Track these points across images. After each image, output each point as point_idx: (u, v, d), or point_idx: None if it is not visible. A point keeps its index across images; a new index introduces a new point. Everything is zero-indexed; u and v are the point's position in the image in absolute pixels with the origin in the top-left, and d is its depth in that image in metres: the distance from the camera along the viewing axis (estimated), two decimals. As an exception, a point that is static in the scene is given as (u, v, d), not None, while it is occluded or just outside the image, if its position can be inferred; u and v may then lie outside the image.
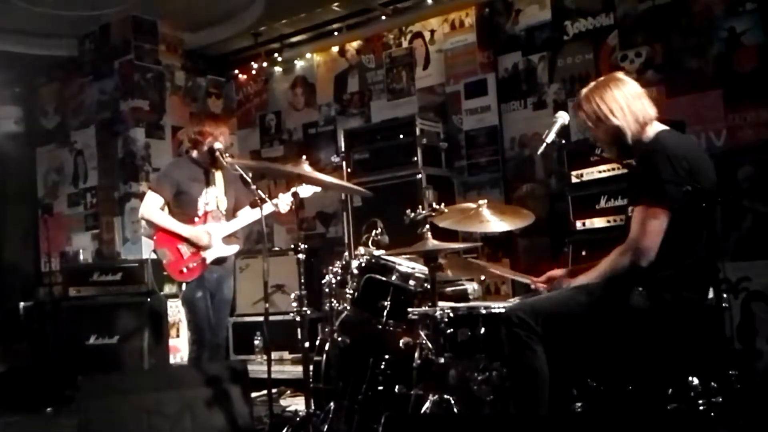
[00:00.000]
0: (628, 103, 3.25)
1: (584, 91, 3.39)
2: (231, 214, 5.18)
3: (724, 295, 3.17)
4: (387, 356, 3.95)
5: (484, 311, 3.63)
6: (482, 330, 3.60)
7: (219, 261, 5.08)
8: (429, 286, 3.74)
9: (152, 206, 5.05)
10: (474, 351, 3.61)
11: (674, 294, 3.10)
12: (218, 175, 5.17)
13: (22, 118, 8.96)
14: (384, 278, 4.05)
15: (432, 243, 3.68)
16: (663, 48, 6.12)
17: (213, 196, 5.12)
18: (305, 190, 4.71)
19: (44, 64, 8.73)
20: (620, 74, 3.44)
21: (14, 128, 8.90)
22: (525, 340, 3.06)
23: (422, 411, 3.49)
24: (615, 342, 3.24)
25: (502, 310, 3.43)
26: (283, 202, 4.92)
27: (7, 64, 8.10)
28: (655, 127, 3.27)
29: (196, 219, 5.03)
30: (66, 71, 8.71)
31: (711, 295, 3.18)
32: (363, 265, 4.14)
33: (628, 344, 3.21)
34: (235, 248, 5.14)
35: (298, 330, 3.82)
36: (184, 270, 4.96)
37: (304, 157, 4.32)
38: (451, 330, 3.67)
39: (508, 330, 3.11)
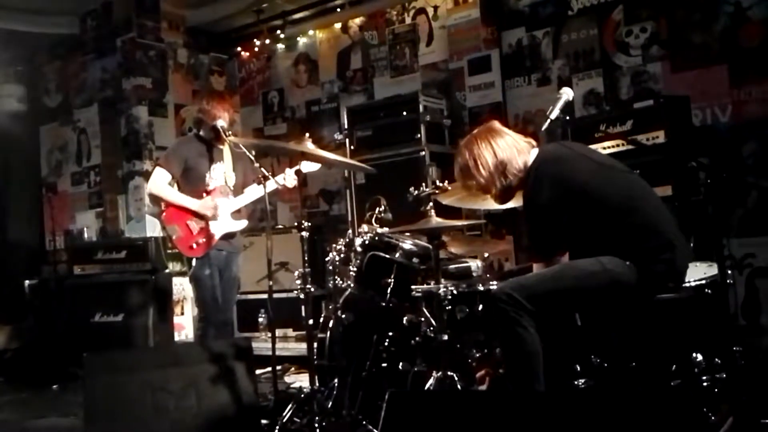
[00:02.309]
0: (495, 160, 3.35)
1: (460, 143, 3.55)
2: (239, 190, 5.21)
3: (729, 272, 3.17)
4: (390, 333, 3.96)
5: (486, 289, 3.63)
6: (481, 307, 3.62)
7: (228, 236, 5.11)
8: (432, 264, 3.73)
9: (160, 182, 5.09)
10: (474, 328, 3.63)
11: (665, 264, 3.09)
12: (226, 152, 5.20)
13: (25, 97, 8.94)
14: (387, 256, 4.05)
15: (435, 220, 3.68)
16: (668, 23, 6.07)
17: (221, 172, 5.15)
18: (308, 166, 4.71)
19: (46, 42, 8.72)
20: (495, 125, 3.52)
21: (17, 107, 8.88)
22: (514, 317, 3.05)
23: (426, 387, 3.51)
24: (614, 317, 3.25)
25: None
26: (290, 177, 4.93)
27: (9, 42, 8.06)
28: (529, 162, 3.36)
29: (204, 195, 5.06)
30: (68, 49, 8.70)
31: (715, 271, 3.18)
32: (366, 242, 4.15)
33: (628, 319, 3.22)
34: (243, 223, 5.18)
35: (302, 307, 3.83)
36: (194, 245, 5.00)
37: (307, 134, 4.31)
38: (452, 307, 3.68)
39: (496, 307, 3.11)
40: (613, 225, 3.15)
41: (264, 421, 3.94)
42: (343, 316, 4.10)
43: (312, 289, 3.83)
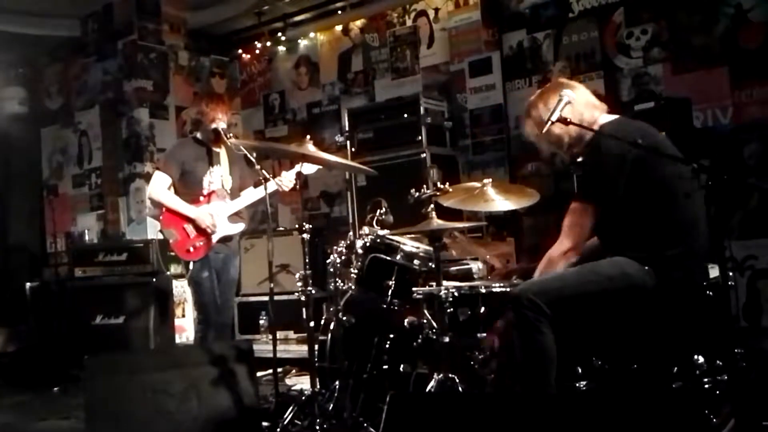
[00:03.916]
0: (571, 108, 3.26)
1: (531, 98, 3.48)
2: (236, 193, 5.21)
3: (730, 274, 3.16)
4: (392, 335, 3.96)
5: (487, 291, 3.63)
6: (482, 309, 3.62)
7: (225, 239, 5.12)
8: (433, 266, 3.73)
9: (160, 186, 5.09)
10: (476, 330, 3.62)
11: (684, 272, 3.09)
12: (222, 155, 5.20)
13: (26, 99, 8.95)
14: (388, 258, 4.05)
15: (436, 222, 3.67)
16: (669, 25, 6.07)
17: (218, 176, 5.15)
18: (308, 167, 4.71)
19: (47, 44, 8.72)
20: (564, 79, 3.53)
21: (18, 109, 8.88)
22: (534, 322, 3.04)
23: (427, 389, 3.50)
24: (622, 321, 3.24)
25: (507, 289, 3.44)
26: (287, 179, 4.93)
27: (11, 44, 8.07)
28: (600, 121, 3.31)
29: (201, 198, 5.07)
30: (69, 52, 8.70)
31: (716, 273, 3.17)
32: (367, 244, 4.14)
33: (635, 323, 3.21)
34: (240, 227, 5.17)
35: (303, 309, 3.83)
36: (191, 249, 5.00)
37: (308, 136, 4.31)
38: (454, 309, 3.67)
39: (516, 311, 3.09)
40: (653, 216, 3.13)
41: (265, 424, 3.94)
42: (344, 318, 4.09)
43: (313, 291, 3.83)
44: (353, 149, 6.87)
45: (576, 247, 3.24)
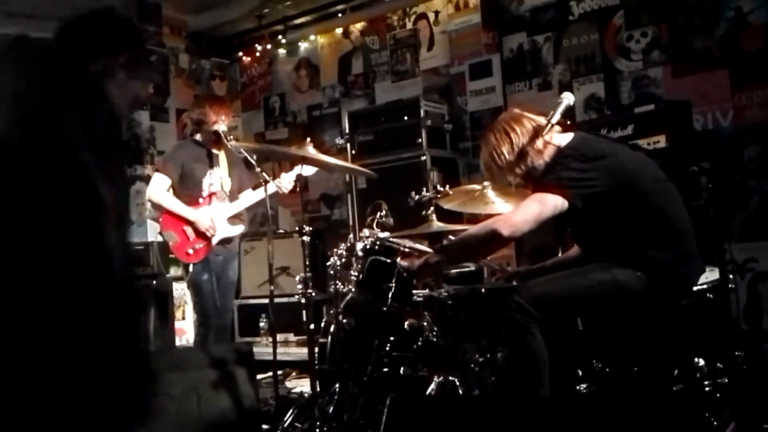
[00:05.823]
0: (517, 145, 3.26)
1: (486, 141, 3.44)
2: (235, 195, 5.21)
3: (731, 276, 3.16)
4: (392, 338, 3.96)
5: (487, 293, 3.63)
6: (483, 312, 3.61)
7: (224, 241, 5.12)
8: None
9: (159, 188, 5.09)
10: (476, 333, 3.62)
11: (678, 276, 3.10)
12: (222, 157, 5.20)
13: (26, 101, 8.93)
14: (389, 260, 4.04)
15: (437, 225, 3.68)
16: (669, 28, 6.07)
17: (217, 177, 5.16)
18: (307, 169, 4.71)
19: (48, 46, 8.72)
20: (516, 111, 3.48)
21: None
22: (522, 324, 3.05)
23: (427, 392, 3.50)
24: (621, 324, 3.24)
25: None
26: (286, 180, 4.93)
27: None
28: (553, 145, 3.28)
29: (201, 200, 5.07)
30: (69, 54, 8.69)
31: (717, 276, 3.17)
32: (368, 247, 4.14)
33: (634, 327, 3.21)
34: (240, 228, 5.18)
35: (303, 312, 3.83)
36: (191, 251, 5.00)
37: (308, 139, 4.32)
38: (454, 312, 3.67)
39: (504, 314, 3.10)
40: (641, 227, 3.14)
41: (265, 426, 3.95)
42: (344, 320, 4.09)
43: (313, 294, 3.83)
44: (353, 152, 6.86)
45: (513, 225, 3.23)
